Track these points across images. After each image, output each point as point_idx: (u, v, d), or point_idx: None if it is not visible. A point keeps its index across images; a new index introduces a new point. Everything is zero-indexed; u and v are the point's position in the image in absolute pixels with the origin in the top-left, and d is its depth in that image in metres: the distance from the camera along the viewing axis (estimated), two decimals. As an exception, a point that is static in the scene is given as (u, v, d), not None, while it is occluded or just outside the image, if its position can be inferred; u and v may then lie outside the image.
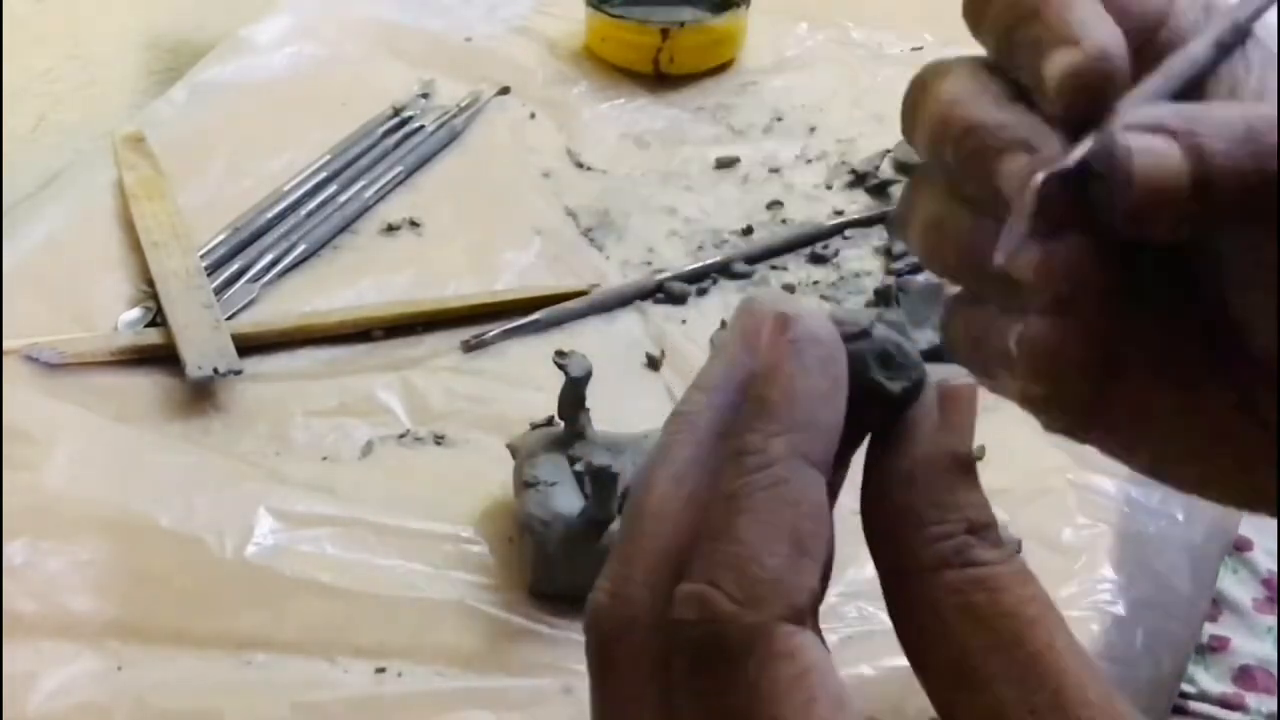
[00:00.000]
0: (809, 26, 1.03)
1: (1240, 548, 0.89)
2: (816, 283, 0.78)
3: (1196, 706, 0.84)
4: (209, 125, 0.88)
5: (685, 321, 0.75)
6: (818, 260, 0.80)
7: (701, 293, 0.77)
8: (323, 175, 0.83)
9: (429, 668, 0.54)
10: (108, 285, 0.74)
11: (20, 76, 0.88)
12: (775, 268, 0.79)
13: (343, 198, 0.82)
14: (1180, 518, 0.63)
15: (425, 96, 0.92)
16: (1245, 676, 0.85)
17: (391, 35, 0.99)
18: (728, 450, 0.27)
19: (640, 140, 0.91)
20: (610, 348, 0.72)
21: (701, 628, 0.25)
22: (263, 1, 1.01)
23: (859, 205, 0.84)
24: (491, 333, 0.72)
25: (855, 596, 0.56)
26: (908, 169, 0.84)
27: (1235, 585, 0.88)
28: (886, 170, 0.86)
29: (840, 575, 0.55)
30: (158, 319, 0.71)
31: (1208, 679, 0.85)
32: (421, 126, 0.89)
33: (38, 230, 0.78)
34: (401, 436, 0.66)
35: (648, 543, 0.27)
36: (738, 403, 0.28)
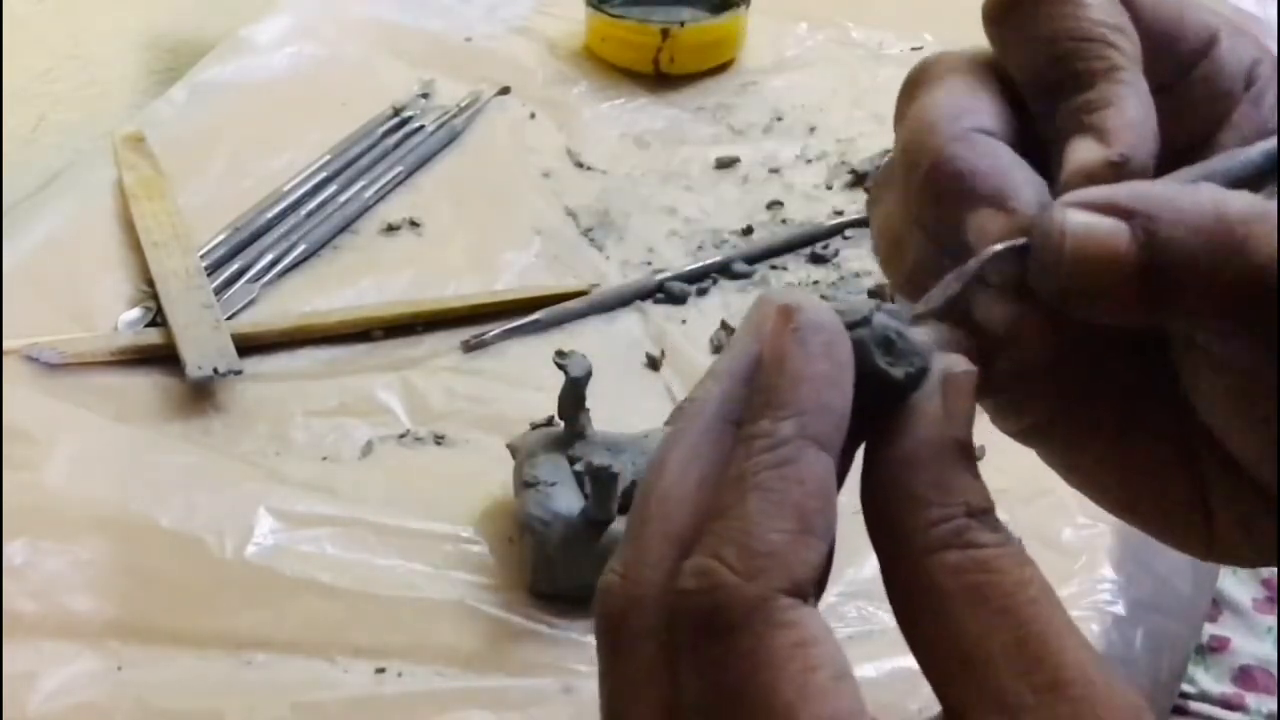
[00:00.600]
0: (809, 26, 1.03)
1: (1240, 548, 0.89)
2: (816, 283, 0.78)
3: (1196, 706, 0.84)
4: (209, 125, 0.88)
5: (685, 321, 0.75)
6: (818, 260, 0.80)
7: (701, 293, 0.77)
8: (323, 175, 0.83)
9: (429, 668, 0.54)
10: (108, 285, 0.74)
11: (20, 76, 0.88)
12: (775, 268, 0.79)
13: (343, 198, 0.82)
14: (1180, 518, 0.63)
15: (425, 96, 0.92)
16: (1245, 676, 0.85)
17: (391, 35, 0.99)
18: (737, 436, 0.27)
19: (640, 140, 0.91)
20: (610, 348, 0.72)
21: (702, 598, 0.26)
22: (263, 1, 1.01)
23: (859, 205, 0.84)
24: (491, 333, 0.72)
25: (855, 596, 0.56)
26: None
27: (1235, 585, 0.88)
28: (886, 170, 0.86)
29: (840, 575, 0.55)
30: (158, 319, 0.71)
31: (1208, 679, 0.85)
32: (421, 126, 0.89)
33: (38, 230, 0.78)
34: (401, 436, 0.66)
35: (657, 525, 0.27)
36: (745, 390, 0.28)
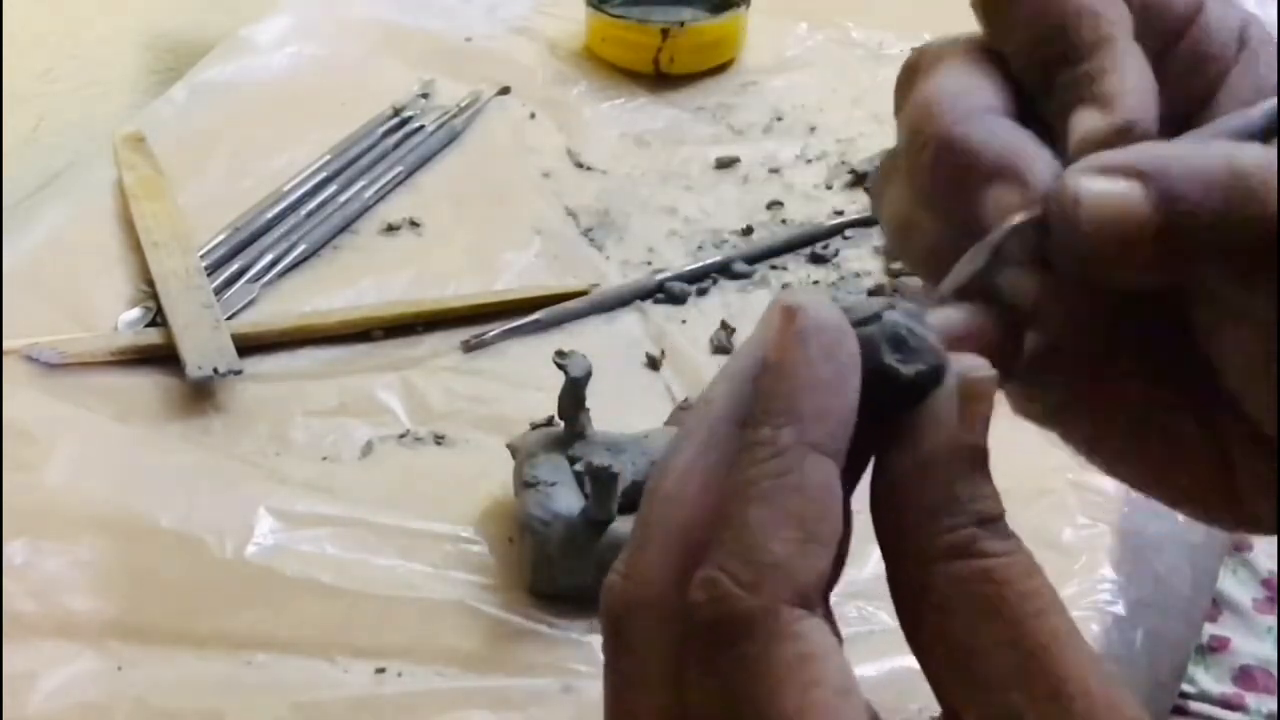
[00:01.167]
0: (809, 26, 1.03)
1: (1240, 548, 0.89)
2: (816, 283, 0.78)
3: (1196, 706, 0.84)
4: (209, 125, 0.88)
5: (685, 321, 0.75)
6: (818, 260, 0.80)
7: (701, 293, 0.77)
8: (323, 175, 0.83)
9: (429, 668, 0.54)
10: (108, 285, 0.74)
11: (20, 76, 0.88)
12: (775, 268, 0.79)
13: (343, 198, 0.82)
14: (1180, 518, 0.63)
15: (425, 96, 0.92)
16: (1245, 676, 0.85)
17: (391, 35, 0.99)
18: (742, 441, 0.27)
19: (640, 140, 0.91)
20: (610, 348, 0.72)
21: (709, 609, 0.26)
22: (263, 1, 1.01)
23: (859, 205, 0.84)
24: (491, 333, 0.72)
25: (855, 596, 0.56)
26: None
27: (1235, 585, 0.88)
28: (886, 170, 0.86)
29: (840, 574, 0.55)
30: (158, 319, 0.71)
31: (1208, 679, 0.85)
32: (421, 126, 0.89)
33: (38, 230, 0.78)
34: (401, 436, 0.66)
35: (661, 527, 0.28)
36: (751, 393, 0.28)
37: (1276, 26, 0.33)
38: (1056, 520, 0.62)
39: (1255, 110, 0.30)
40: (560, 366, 0.58)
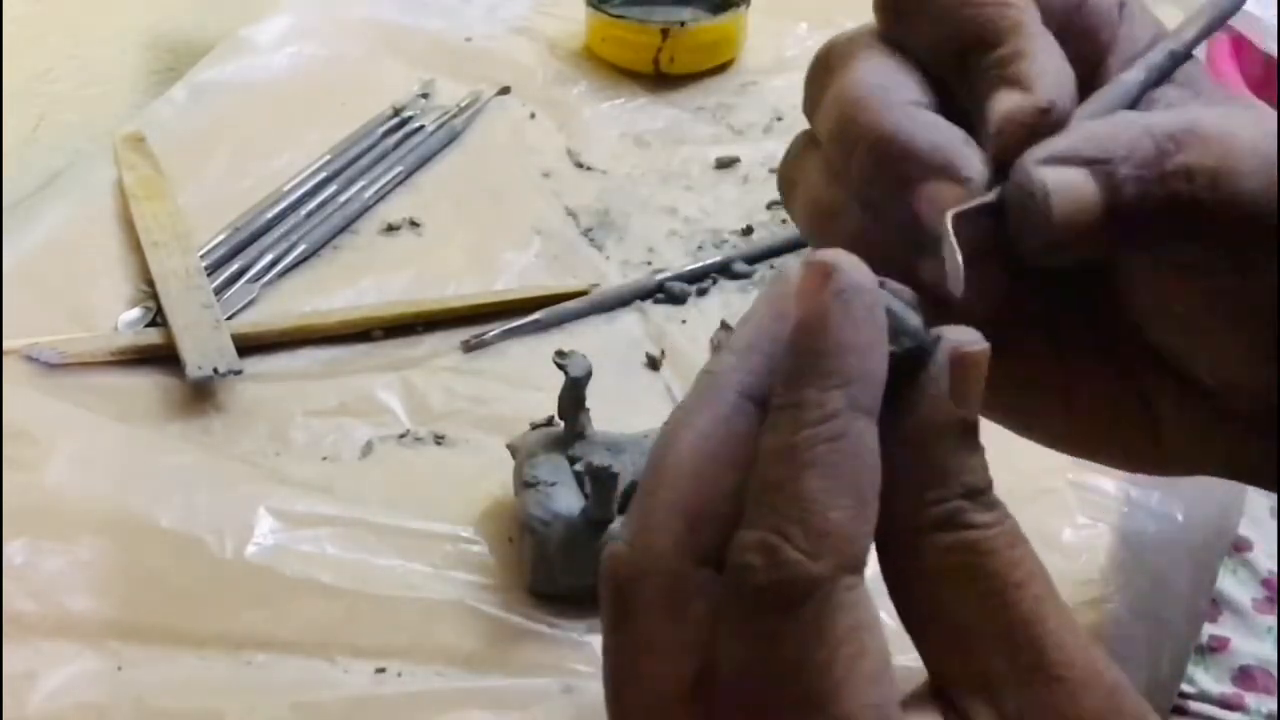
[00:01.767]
0: (809, 26, 1.03)
1: (1240, 548, 0.89)
2: (816, 283, 0.78)
3: (1196, 707, 0.84)
4: (209, 125, 0.88)
5: (685, 321, 0.75)
6: (818, 260, 0.80)
7: (701, 293, 0.77)
8: (323, 175, 0.83)
9: (429, 668, 0.54)
10: (108, 285, 0.74)
11: (20, 76, 0.88)
12: (775, 268, 0.79)
13: (343, 198, 0.82)
14: (1180, 518, 0.63)
15: (425, 96, 0.92)
16: (1245, 677, 0.85)
17: (391, 35, 0.99)
18: (781, 400, 0.27)
19: (640, 140, 0.91)
20: (610, 348, 0.72)
21: (765, 574, 0.26)
22: (263, 1, 1.01)
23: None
24: (491, 333, 0.72)
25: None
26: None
27: (1235, 585, 0.88)
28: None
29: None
30: (158, 319, 0.71)
31: (1207, 679, 0.85)
32: (421, 126, 0.89)
33: (38, 230, 0.78)
34: (401, 436, 0.66)
35: (668, 495, 0.27)
36: (766, 363, 0.28)
37: (1276, 26, 0.33)
38: (1056, 520, 0.62)
39: (1134, 71, 0.33)
40: (560, 366, 0.58)
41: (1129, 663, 0.58)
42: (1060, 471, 0.63)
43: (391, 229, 0.81)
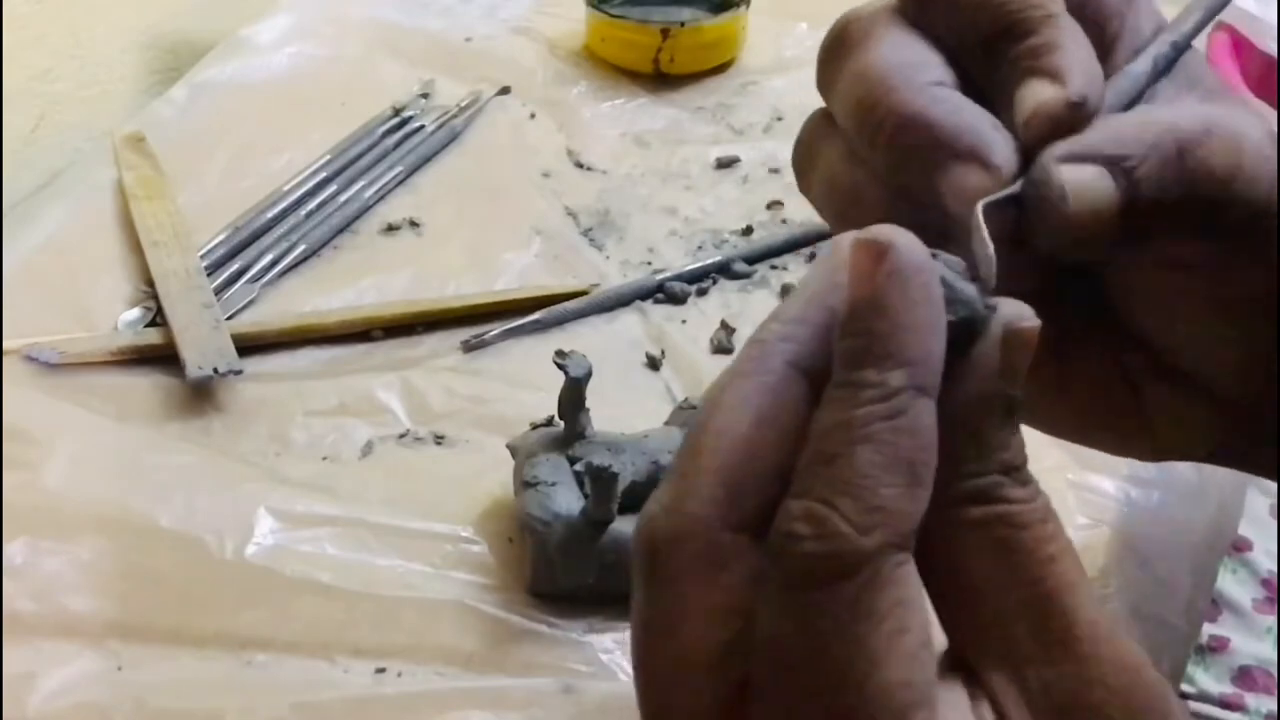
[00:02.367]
0: (809, 26, 1.03)
1: (1240, 548, 0.89)
2: (816, 283, 0.78)
3: (1196, 707, 0.84)
4: (209, 125, 0.88)
5: (685, 321, 0.75)
6: (818, 260, 0.80)
7: (701, 293, 0.77)
8: (323, 175, 0.83)
9: (429, 668, 0.54)
10: (108, 285, 0.74)
11: (20, 76, 0.88)
12: (775, 268, 0.79)
13: (343, 198, 0.82)
14: (1180, 518, 0.63)
15: (425, 96, 0.92)
16: (1245, 677, 0.85)
17: (391, 35, 0.99)
18: (839, 379, 0.27)
19: (640, 140, 0.91)
20: (610, 348, 0.72)
21: (814, 544, 0.26)
22: (263, 1, 1.01)
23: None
24: (491, 333, 0.72)
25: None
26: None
27: (1235, 585, 0.89)
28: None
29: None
30: (158, 319, 0.71)
31: (1207, 679, 0.85)
32: (421, 126, 0.89)
33: (38, 230, 0.78)
34: (401, 436, 0.66)
35: (710, 460, 0.27)
36: (821, 334, 0.28)
37: (1276, 26, 0.34)
38: (1056, 520, 0.62)
39: (1141, 62, 0.34)
40: (560, 366, 0.58)
41: (1129, 663, 0.57)
42: (1060, 471, 0.63)
43: (391, 229, 0.81)
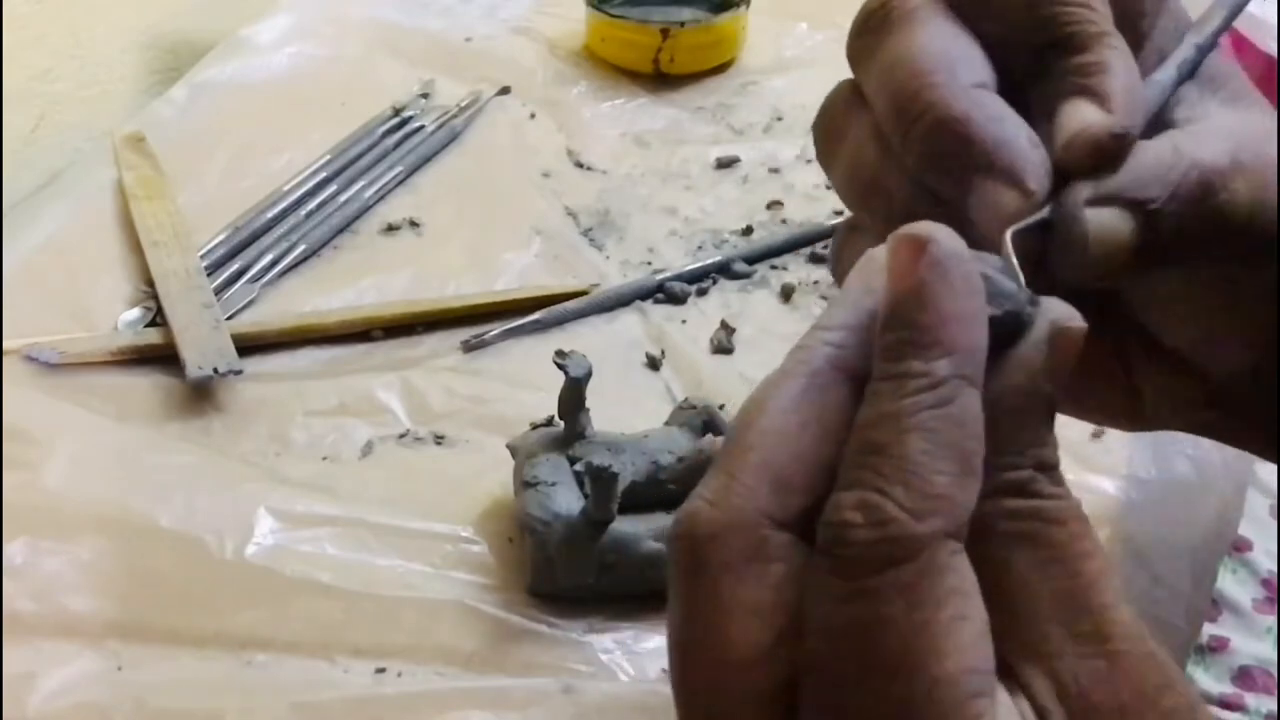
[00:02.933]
0: (809, 26, 1.03)
1: (1240, 548, 0.89)
2: (816, 283, 0.78)
3: (1196, 707, 0.83)
4: (209, 125, 0.88)
5: (685, 321, 0.75)
6: (818, 260, 0.80)
7: (701, 293, 0.77)
8: (323, 175, 0.83)
9: (429, 668, 0.54)
10: (108, 285, 0.74)
11: (20, 76, 0.88)
12: (775, 267, 0.79)
13: (343, 198, 0.82)
14: (1180, 518, 0.63)
15: (425, 96, 0.92)
16: (1245, 677, 0.85)
17: (391, 35, 0.99)
18: (882, 372, 0.27)
19: (640, 140, 0.91)
20: (610, 348, 0.72)
21: (868, 531, 0.26)
22: (263, 1, 1.01)
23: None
24: (491, 333, 0.72)
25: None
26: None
27: (1235, 585, 0.89)
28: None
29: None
30: (158, 319, 0.71)
31: (1207, 679, 0.85)
32: (421, 126, 0.89)
33: (38, 230, 0.78)
34: (401, 436, 0.66)
35: (754, 457, 0.27)
36: (863, 337, 0.28)
37: (1276, 26, 0.34)
38: (1056, 520, 0.62)
39: (1166, 69, 0.34)
40: (560, 366, 0.57)
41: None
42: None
43: (391, 229, 0.81)
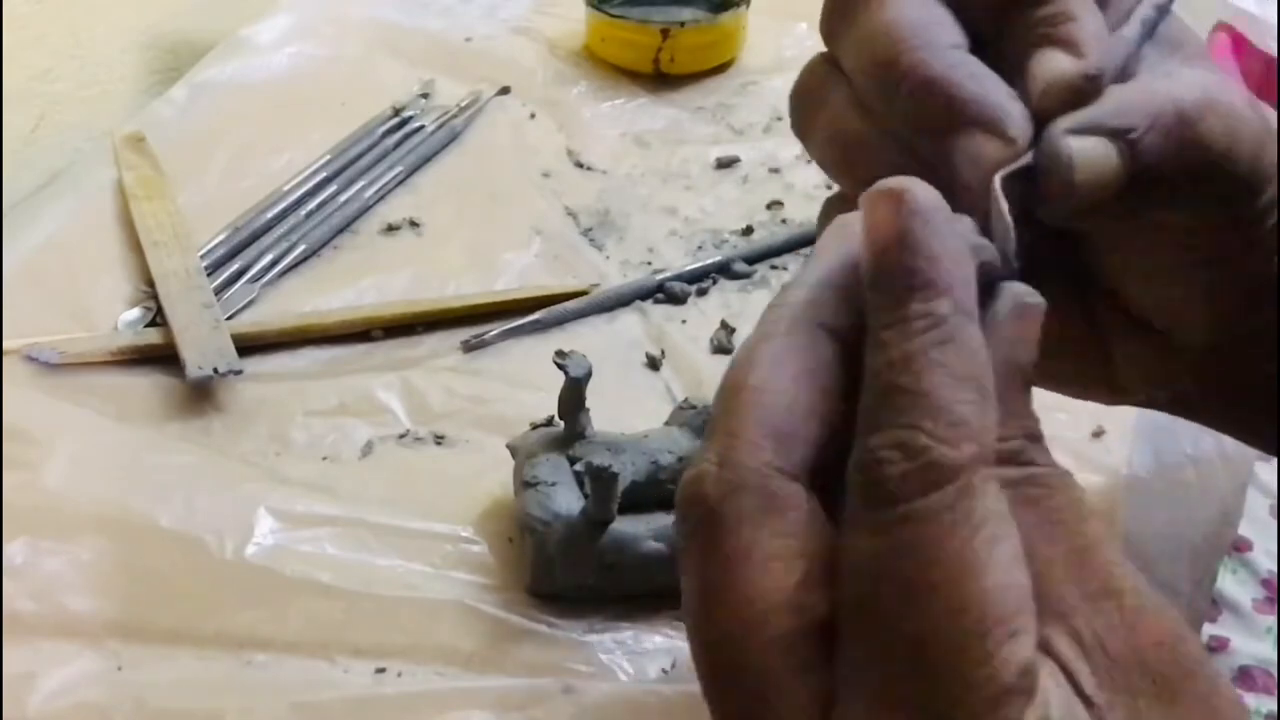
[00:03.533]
0: (809, 26, 1.02)
1: (1240, 548, 0.89)
2: (816, 283, 0.78)
3: (1196, 706, 0.83)
4: (209, 125, 0.88)
5: (685, 321, 0.75)
6: (818, 260, 0.80)
7: (701, 293, 0.77)
8: (323, 175, 0.83)
9: (429, 668, 0.54)
10: (108, 285, 0.74)
11: (20, 76, 0.88)
12: (775, 267, 0.79)
13: (343, 198, 0.82)
14: (1180, 518, 0.63)
15: (425, 96, 0.92)
16: (1245, 677, 0.85)
17: (391, 35, 0.99)
18: (881, 320, 0.27)
19: (640, 140, 0.91)
20: (610, 348, 0.72)
21: (903, 464, 0.26)
22: (263, 1, 1.01)
23: (859, 205, 0.84)
24: (491, 333, 0.72)
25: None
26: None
27: (1235, 585, 0.88)
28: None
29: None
30: (158, 319, 0.71)
31: (1207, 679, 0.84)
32: (421, 126, 0.89)
33: (38, 230, 0.78)
34: (401, 436, 0.66)
35: (754, 413, 0.28)
36: (844, 295, 0.28)
37: (1276, 26, 0.34)
38: (1056, 520, 0.62)
39: (1131, 26, 0.35)
40: (560, 366, 0.57)
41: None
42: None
43: (391, 229, 0.81)
